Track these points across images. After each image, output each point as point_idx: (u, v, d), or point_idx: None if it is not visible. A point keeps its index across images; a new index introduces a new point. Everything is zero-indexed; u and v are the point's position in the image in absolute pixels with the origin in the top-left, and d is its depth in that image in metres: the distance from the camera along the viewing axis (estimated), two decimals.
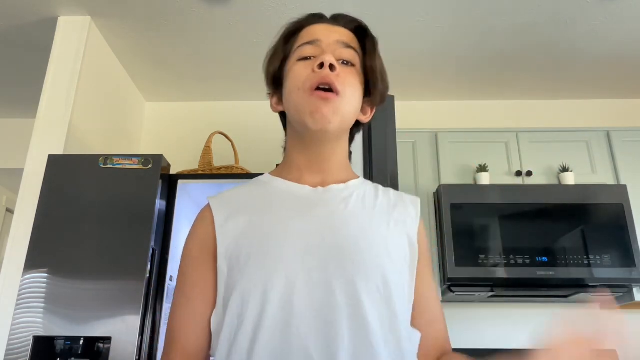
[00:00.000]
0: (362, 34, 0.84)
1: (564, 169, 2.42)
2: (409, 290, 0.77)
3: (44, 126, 2.17)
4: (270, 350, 0.66)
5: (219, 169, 2.27)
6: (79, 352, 1.63)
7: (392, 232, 0.77)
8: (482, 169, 2.43)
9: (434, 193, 2.43)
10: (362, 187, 0.83)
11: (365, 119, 0.86)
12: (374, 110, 0.87)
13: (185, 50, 2.58)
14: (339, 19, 0.85)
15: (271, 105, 0.87)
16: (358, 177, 0.86)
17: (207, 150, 2.35)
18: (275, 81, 0.83)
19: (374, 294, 0.70)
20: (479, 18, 2.33)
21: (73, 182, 1.85)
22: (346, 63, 0.79)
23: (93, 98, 2.40)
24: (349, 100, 0.77)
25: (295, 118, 0.79)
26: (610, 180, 2.44)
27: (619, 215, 2.24)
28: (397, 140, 2.03)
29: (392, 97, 1.65)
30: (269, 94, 0.87)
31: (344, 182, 0.82)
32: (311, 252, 0.71)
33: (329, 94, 0.75)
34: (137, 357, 1.65)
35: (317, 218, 0.75)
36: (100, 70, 2.47)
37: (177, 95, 3.02)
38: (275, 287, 0.69)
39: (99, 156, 1.90)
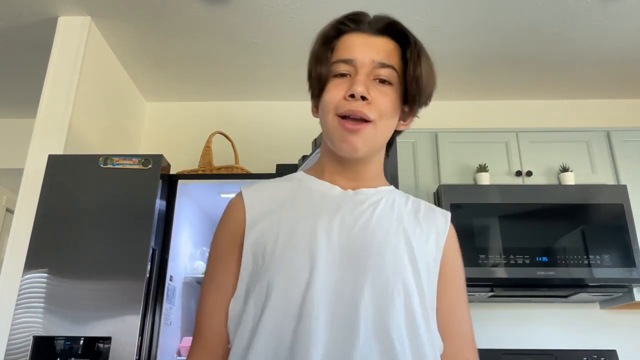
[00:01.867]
0: (403, 39, 0.82)
1: (564, 169, 2.42)
2: (431, 298, 0.76)
3: (44, 126, 2.17)
4: (286, 344, 0.67)
5: (219, 169, 2.27)
6: (79, 352, 1.63)
7: (417, 239, 0.77)
8: (482, 169, 2.43)
9: (434, 193, 2.43)
10: (392, 194, 0.83)
11: (405, 127, 0.85)
12: (415, 117, 0.85)
13: (185, 50, 2.58)
14: (378, 23, 0.82)
15: (311, 109, 0.87)
16: (390, 185, 0.87)
17: (207, 150, 2.35)
18: (320, 85, 0.81)
19: (393, 296, 0.70)
20: (479, 18, 2.33)
21: (73, 182, 1.85)
22: (383, 81, 0.78)
23: (93, 98, 2.40)
24: (381, 127, 0.78)
25: (326, 137, 0.80)
26: (610, 180, 2.44)
27: (619, 215, 2.24)
28: (397, 140, 2.02)
29: None
30: (310, 96, 0.87)
31: (375, 187, 0.83)
32: (335, 251, 0.72)
33: (358, 126, 0.75)
34: (137, 357, 1.65)
35: (343, 218, 0.76)
36: (100, 70, 2.47)
37: (177, 95, 3.03)
38: (299, 283, 0.70)
39: (99, 156, 1.90)
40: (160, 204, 1.89)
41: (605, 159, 2.49)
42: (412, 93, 0.78)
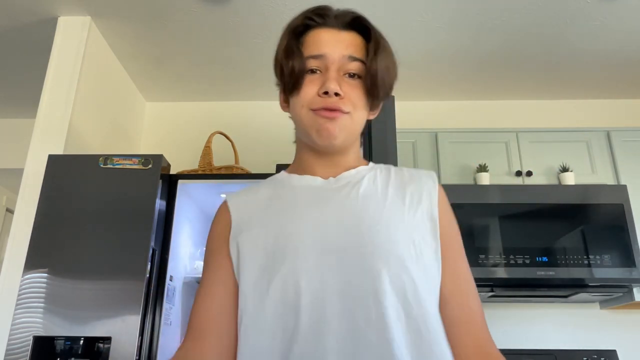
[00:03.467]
0: (367, 33, 0.83)
1: (564, 169, 2.42)
2: (434, 269, 0.75)
3: (44, 126, 2.17)
4: (285, 329, 0.69)
5: (219, 169, 2.27)
6: (79, 352, 1.63)
7: (408, 209, 0.77)
8: (482, 169, 2.43)
9: None
10: (372, 171, 0.84)
11: (373, 115, 0.87)
12: (381, 105, 0.87)
13: (185, 50, 2.58)
14: (344, 18, 0.83)
15: (280, 103, 0.88)
16: (368, 163, 0.87)
17: (207, 150, 2.35)
18: (294, 80, 0.80)
19: (394, 279, 0.70)
20: (479, 18, 2.33)
21: (73, 182, 1.85)
22: (352, 75, 0.79)
23: (93, 98, 2.40)
24: (356, 117, 0.79)
25: (301, 131, 0.82)
26: (610, 180, 2.44)
27: (619, 215, 2.24)
28: (397, 140, 2.02)
29: (392, 97, 1.65)
30: (280, 90, 0.87)
31: (354, 168, 0.84)
32: (330, 243, 0.72)
33: (335, 113, 0.77)
34: (137, 357, 1.65)
35: (331, 207, 0.76)
36: (100, 70, 2.47)
37: (177, 95, 3.03)
38: (296, 280, 0.70)
39: (99, 156, 1.90)
40: (160, 204, 1.89)
41: (605, 159, 2.49)
42: (369, 87, 0.79)
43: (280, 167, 2.11)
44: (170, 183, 2.03)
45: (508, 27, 2.39)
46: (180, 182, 2.05)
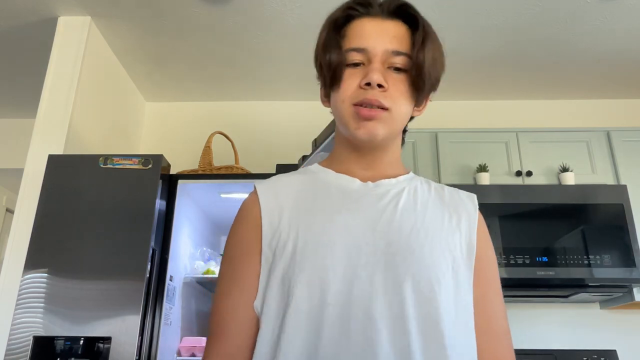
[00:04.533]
0: (413, 21, 0.79)
1: (564, 169, 2.42)
2: (464, 292, 0.72)
3: (44, 126, 2.17)
4: (307, 342, 0.66)
5: (219, 169, 2.27)
6: (79, 352, 1.63)
7: (446, 230, 0.75)
8: (482, 169, 2.43)
9: None
10: (413, 182, 0.81)
11: (419, 112, 0.82)
12: (428, 100, 0.83)
13: (185, 50, 2.58)
14: (389, 6, 0.78)
15: (320, 98, 0.84)
16: (409, 172, 0.84)
17: (207, 150, 2.35)
18: (332, 73, 0.76)
19: (420, 295, 0.67)
20: (479, 18, 2.33)
21: (73, 182, 1.85)
22: (397, 69, 0.75)
23: (93, 98, 2.40)
24: (398, 113, 0.75)
25: (341, 126, 0.78)
26: (610, 180, 2.44)
27: (619, 215, 2.24)
28: None
29: None
30: (320, 85, 0.83)
31: (394, 177, 0.80)
32: (360, 249, 0.69)
33: (374, 113, 0.73)
34: (137, 357, 1.65)
35: (366, 213, 0.73)
36: (100, 70, 2.47)
37: (177, 95, 3.03)
38: (323, 285, 0.67)
39: (99, 156, 1.90)
40: (160, 204, 1.89)
41: (605, 159, 2.49)
42: (414, 79, 0.75)
43: (280, 167, 2.11)
44: (170, 183, 2.03)
45: (508, 27, 2.39)
46: (180, 182, 2.06)
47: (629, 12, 2.27)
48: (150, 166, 1.87)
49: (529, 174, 2.45)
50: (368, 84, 0.72)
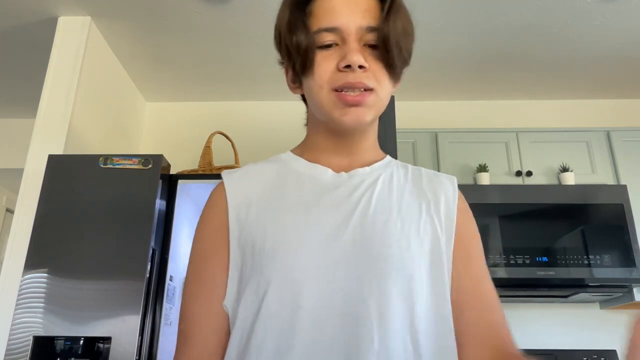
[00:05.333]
0: None
1: (564, 169, 2.42)
2: (443, 280, 0.68)
3: (44, 126, 2.17)
4: (279, 348, 0.62)
5: (219, 169, 2.27)
6: (79, 352, 1.63)
7: (424, 217, 0.71)
8: (482, 169, 2.43)
9: None
10: (389, 169, 0.76)
11: (395, 88, 0.76)
12: (401, 76, 0.76)
13: (185, 50, 2.58)
14: None
15: (287, 83, 0.77)
16: (385, 156, 0.79)
17: (207, 150, 2.35)
18: (303, 58, 0.69)
19: (398, 290, 0.64)
20: (479, 18, 2.33)
21: (73, 182, 1.85)
22: (372, 46, 0.69)
23: (93, 98, 2.40)
24: (384, 93, 0.70)
25: (321, 114, 0.72)
26: (610, 180, 2.44)
27: (619, 215, 2.24)
28: (397, 140, 2.03)
29: (392, 97, 1.65)
30: (283, 67, 0.77)
31: (370, 164, 0.75)
32: (334, 246, 0.65)
33: (360, 97, 0.67)
34: (137, 357, 1.65)
35: (340, 208, 0.68)
36: (100, 70, 2.47)
37: (177, 95, 3.02)
38: (294, 285, 0.63)
39: (99, 156, 1.90)
40: (160, 204, 1.89)
41: (605, 159, 2.49)
42: (389, 54, 0.69)
43: None
44: (170, 183, 2.03)
45: (508, 27, 2.39)
46: (180, 182, 2.05)
47: (629, 12, 2.26)
48: (150, 166, 1.87)
49: (529, 174, 2.45)
50: (348, 66, 0.66)
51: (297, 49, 0.69)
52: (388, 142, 1.60)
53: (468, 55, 2.61)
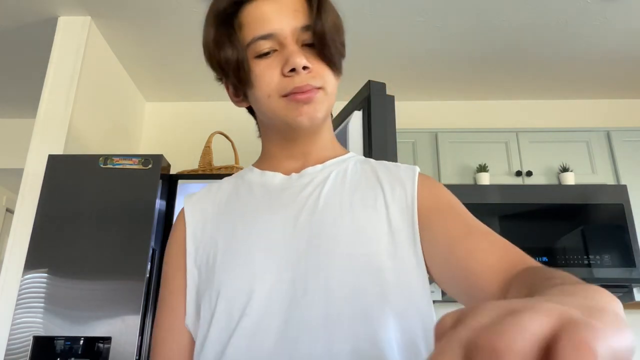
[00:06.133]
0: None
1: (564, 169, 2.42)
2: (415, 280, 0.63)
3: (44, 126, 2.17)
4: (215, 356, 0.61)
5: (219, 169, 2.27)
6: (79, 352, 1.63)
7: (379, 206, 0.67)
8: (482, 169, 2.43)
9: None
10: (344, 164, 0.73)
11: (339, 81, 0.74)
12: (341, 69, 0.74)
13: (185, 50, 2.58)
14: None
15: (231, 98, 0.77)
16: (345, 152, 0.77)
17: (207, 150, 2.35)
18: (242, 72, 0.69)
19: (349, 289, 0.60)
20: (479, 18, 2.33)
21: (73, 182, 1.85)
22: (309, 44, 0.68)
23: (93, 98, 2.40)
24: (331, 89, 0.69)
25: (274, 121, 0.71)
26: (610, 180, 2.44)
27: (619, 215, 2.24)
28: (397, 140, 2.02)
29: (392, 97, 1.65)
30: (222, 83, 0.77)
31: (323, 162, 0.73)
32: (280, 250, 0.64)
33: (311, 94, 0.66)
34: (137, 357, 1.65)
35: (287, 209, 0.67)
36: (100, 70, 2.47)
37: (177, 95, 3.02)
38: (241, 294, 0.62)
39: (99, 156, 1.90)
40: (160, 204, 1.89)
41: (605, 159, 2.49)
42: (325, 50, 0.67)
43: None
44: (170, 183, 2.03)
45: (508, 27, 2.39)
46: (180, 182, 2.05)
47: (629, 12, 2.26)
48: (150, 166, 1.87)
49: (529, 174, 2.45)
50: (293, 70, 0.65)
51: (228, 64, 0.69)
52: (388, 142, 1.60)
53: (468, 55, 2.61)
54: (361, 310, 0.59)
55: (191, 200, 0.76)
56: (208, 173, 2.23)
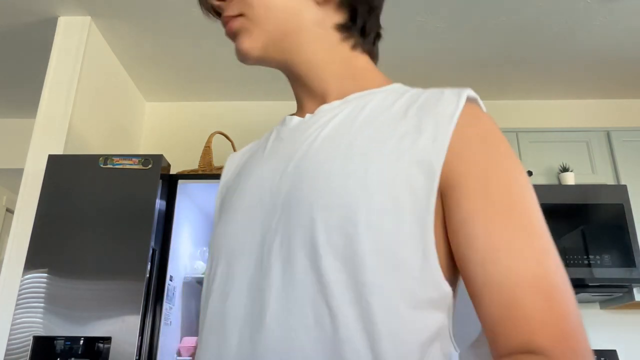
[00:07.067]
0: None
1: (564, 169, 2.42)
2: (415, 243, 0.47)
3: (44, 126, 2.17)
4: (210, 318, 0.54)
5: (219, 169, 2.27)
6: (79, 352, 1.63)
7: (385, 157, 0.49)
8: None
9: None
10: (369, 97, 0.57)
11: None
12: None
13: (185, 50, 2.58)
14: None
15: None
16: (384, 84, 0.61)
17: (207, 150, 2.35)
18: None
19: (334, 246, 0.47)
20: (479, 18, 2.33)
21: (73, 182, 1.85)
22: None
23: (93, 98, 2.40)
24: (259, 10, 0.58)
25: None
26: (610, 180, 2.44)
27: (619, 215, 2.24)
28: None
29: None
30: None
31: (344, 97, 0.59)
32: (261, 200, 0.54)
33: (228, 27, 0.59)
34: (137, 357, 1.65)
35: (279, 155, 0.56)
36: (100, 70, 2.47)
37: (177, 95, 3.02)
38: (222, 249, 0.56)
39: (99, 156, 1.90)
40: (160, 204, 1.89)
41: (605, 159, 2.49)
42: None
43: None
44: (170, 183, 2.03)
45: (508, 27, 2.39)
46: (180, 182, 2.06)
47: (629, 12, 2.27)
48: (150, 166, 1.87)
49: (529, 174, 2.45)
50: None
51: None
52: None
53: (468, 56, 2.61)
54: (316, 276, 0.47)
55: (232, 156, 0.71)
56: (208, 173, 2.23)
